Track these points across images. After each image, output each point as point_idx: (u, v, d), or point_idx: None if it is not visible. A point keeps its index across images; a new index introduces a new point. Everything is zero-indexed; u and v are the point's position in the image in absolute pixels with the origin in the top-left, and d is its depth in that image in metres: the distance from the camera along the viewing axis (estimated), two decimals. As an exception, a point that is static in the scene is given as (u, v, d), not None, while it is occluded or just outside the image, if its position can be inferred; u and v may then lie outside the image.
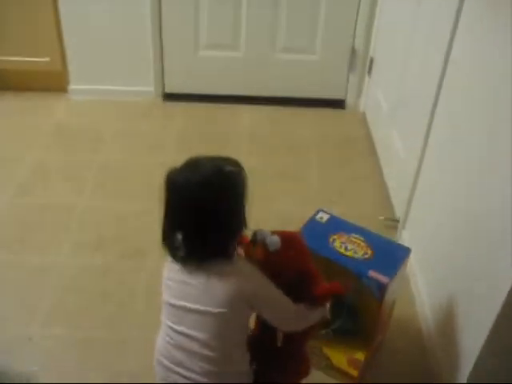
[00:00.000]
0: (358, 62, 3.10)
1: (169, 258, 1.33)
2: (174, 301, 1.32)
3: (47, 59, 3.07)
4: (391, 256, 1.69)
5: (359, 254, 1.68)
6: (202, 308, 1.27)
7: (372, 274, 1.61)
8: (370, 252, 1.69)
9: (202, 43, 3.09)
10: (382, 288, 1.60)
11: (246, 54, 3.11)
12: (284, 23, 3.00)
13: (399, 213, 2.35)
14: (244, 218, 1.30)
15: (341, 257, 1.67)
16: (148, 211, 2.26)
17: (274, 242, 1.38)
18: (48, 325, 1.98)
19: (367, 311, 1.70)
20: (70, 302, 2.05)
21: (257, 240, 1.38)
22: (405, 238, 2.26)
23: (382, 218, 2.40)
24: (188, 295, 1.29)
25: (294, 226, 1.79)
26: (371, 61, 3.04)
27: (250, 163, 2.50)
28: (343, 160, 2.85)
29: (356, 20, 2.99)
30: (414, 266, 2.08)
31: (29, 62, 3.09)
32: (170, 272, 1.34)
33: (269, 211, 2.42)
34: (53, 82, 3.19)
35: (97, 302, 2.05)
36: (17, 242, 2.31)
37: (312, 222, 1.80)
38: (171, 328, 1.33)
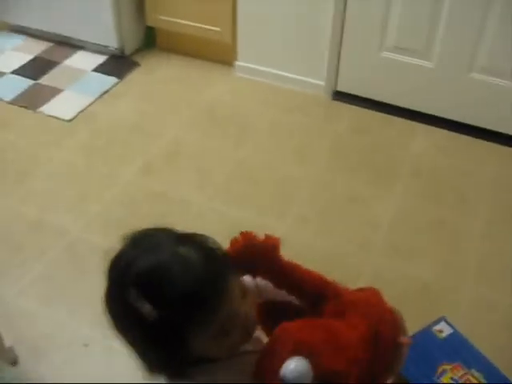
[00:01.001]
0: None
1: None
2: None
3: (218, 29, 2.85)
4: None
5: (471, 406, 1.23)
6: None
7: None
8: (487, 407, 1.23)
9: (387, 44, 2.63)
10: None
11: (436, 65, 2.59)
12: (489, 39, 2.42)
13: None
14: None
15: (443, 402, 1.23)
16: (266, 226, 1.92)
17: (295, 375, 0.83)
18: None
19: None
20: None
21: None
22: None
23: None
24: None
25: (422, 306, 1.38)
26: None
27: (400, 201, 2.11)
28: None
29: None
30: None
31: (200, 29, 2.90)
32: None
33: (395, 271, 2.01)
34: (220, 54, 2.99)
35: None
36: (115, 226, 2.14)
37: (425, 334, 1.37)
38: None
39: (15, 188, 2.32)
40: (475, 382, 1.26)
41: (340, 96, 2.85)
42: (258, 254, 0.96)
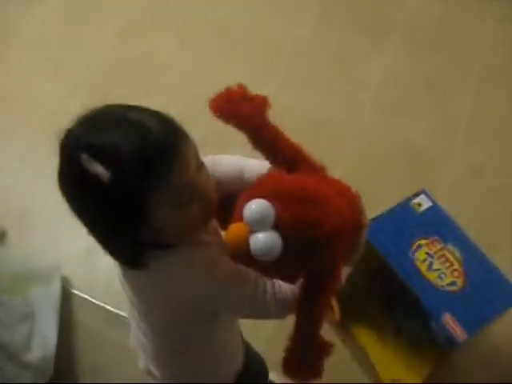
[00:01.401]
0: None
1: None
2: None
3: None
4: (490, 298, 1.20)
5: (444, 281, 1.21)
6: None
7: (447, 319, 1.16)
8: (461, 282, 1.21)
9: None
10: (453, 343, 1.15)
11: None
12: None
13: None
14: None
15: (416, 277, 1.21)
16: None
17: (263, 245, 0.73)
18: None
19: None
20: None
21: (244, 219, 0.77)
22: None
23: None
24: None
25: (406, 173, 1.46)
26: None
27: (390, 60, 2.06)
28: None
29: None
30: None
31: None
32: None
33: (382, 133, 1.93)
34: None
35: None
36: (95, 93, 2.04)
37: (403, 207, 1.32)
38: None
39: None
40: (451, 257, 1.24)
41: None
42: (249, 107, 0.90)
